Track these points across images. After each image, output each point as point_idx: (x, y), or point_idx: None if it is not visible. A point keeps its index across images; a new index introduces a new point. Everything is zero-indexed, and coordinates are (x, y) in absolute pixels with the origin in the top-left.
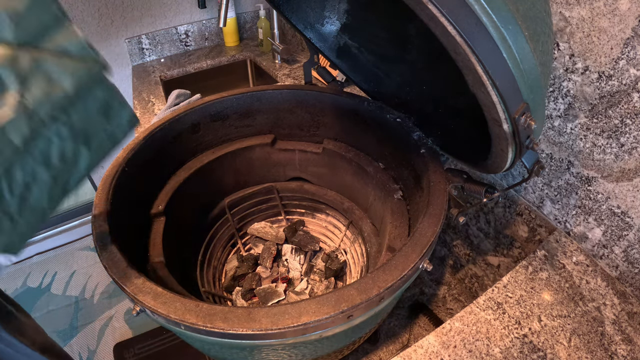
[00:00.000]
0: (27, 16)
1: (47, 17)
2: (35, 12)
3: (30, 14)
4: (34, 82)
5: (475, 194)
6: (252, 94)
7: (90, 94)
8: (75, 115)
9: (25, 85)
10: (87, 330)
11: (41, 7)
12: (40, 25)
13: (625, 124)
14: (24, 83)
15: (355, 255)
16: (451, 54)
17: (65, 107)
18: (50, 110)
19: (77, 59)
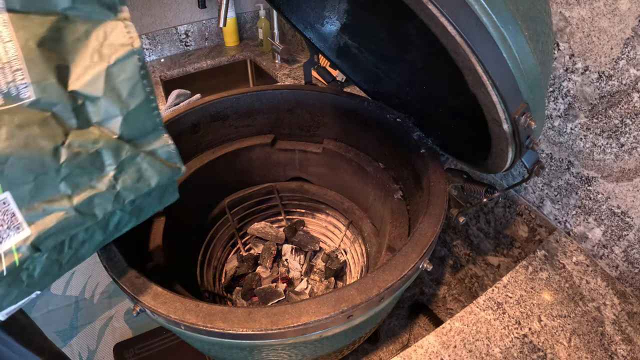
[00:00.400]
0: (135, 117)
1: (149, 123)
2: (142, 116)
3: (137, 115)
4: (127, 172)
5: (475, 194)
6: (252, 94)
7: (163, 190)
8: (148, 202)
9: (120, 171)
10: (87, 330)
11: (146, 113)
12: (143, 128)
13: (625, 124)
14: (120, 169)
15: (355, 255)
16: (451, 54)
17: (144, 198)
18: (133, 198)
19: (164, 162)
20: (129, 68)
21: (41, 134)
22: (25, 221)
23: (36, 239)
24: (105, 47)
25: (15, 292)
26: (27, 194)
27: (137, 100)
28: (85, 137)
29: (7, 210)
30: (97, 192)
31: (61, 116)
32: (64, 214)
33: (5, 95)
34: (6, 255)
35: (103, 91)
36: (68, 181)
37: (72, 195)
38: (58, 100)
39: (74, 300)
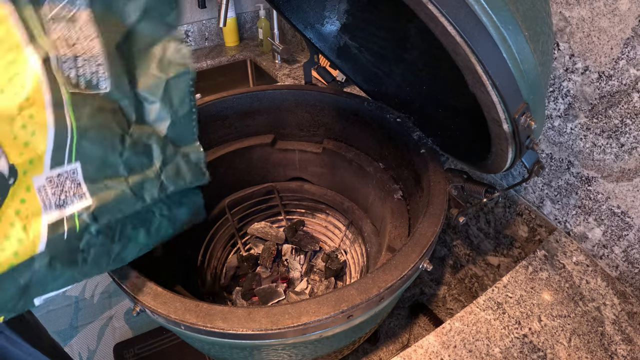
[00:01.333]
0: (180, 123)
1: (188, 130)
2: (184, 123)
3: (181, 122)
4: (169, 166)
5: (475, 194)
6: (252, 94)
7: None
8: (181, 211)
9: (164, 164)
10: (87, 330)
11: (188, 122)
12: (183, 133)
13: (625, 124)
14: (164, 163)
15: (355, 255)
16: (451, 54)
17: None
18: (173, 189)
19: (195, 165)
20: (183, 83)
21: (113, 120)
22: (89, 192)
23: (96, 209)
24: (165, 62)
25: (67, 274)
26: (94, 169)
27: (184, 110)
28: (142, 130)
29: (74, 179)
30: (147, 178)
31: (126, 110)
32: (121, 192)
33: (88, 83)
34: (68, 219)
35: (161, 97)
36: (126, 164)
37: (127, 177)
38: (125, 96)
39: (73, 300)
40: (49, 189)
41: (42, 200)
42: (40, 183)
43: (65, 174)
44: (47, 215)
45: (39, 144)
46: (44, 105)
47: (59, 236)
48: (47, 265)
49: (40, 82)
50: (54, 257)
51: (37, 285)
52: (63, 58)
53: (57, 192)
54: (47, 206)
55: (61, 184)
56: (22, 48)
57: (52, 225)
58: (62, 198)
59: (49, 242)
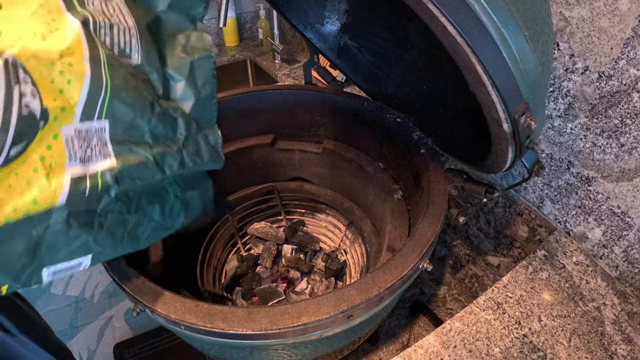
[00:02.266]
0: (202, 104)
1: (209, 112)
2: (206, 105)
3: (204, 103)
4: (191, 143)
5: (475, 194)
6: (252, 94)
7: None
8: (193, 196)
9: (186, 139)
10: (87, 330)
11: (210, 104)
12: (204, 114)
13: (625, 124)
14: (187, 138)
15: (355, 255)
16: (451, 54)
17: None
18: (191, 166)
19: (212, 146)
20: (207, 66)
21: (144, 87)
22: (114, 152)
23: (119, 171)
24: (189, 47)
25: (80, 239)
26: (121, 131)
27: (206, 91)
28: (169, 104)
29: (101, 137)
30: (170, 150)
31: (154, 83)
32: (144, 158)
33: (122, 51)
34: (91, 177)
35: (187, 76)
36: (152, 133)
37: (152, 145)
38: (155, 71)
39: (73, 300)
40: (77, 141)
41: (69, 151)
42: (68, 133)
43: (94, 130)
44: (71, 168)
45: (73, 93)
46: (83, 58)
47: (81, 192)
48: (64, 222)
49: (80, 37)
50: (71, 214)
51: (49, 246)
52: (100, 23)
53: (84, 146)
54: (72, 158)
55: (88, 139)
56: (62, 12)
57: (75, 179)
58: (88, 153)
59: (70, 196)
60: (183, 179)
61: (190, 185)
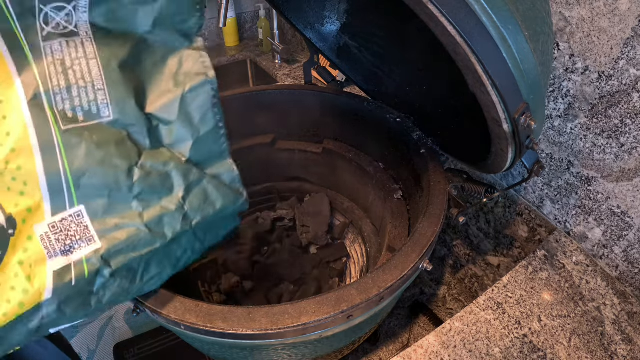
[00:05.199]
0: (204, 142)
1: (216, 148)
2: (210, 141)
3: (206, 141)
4: (194, 193)
5: (475, 194)
6: (252, 94)
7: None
8: (209, 239)
9: (188, 192)
10: (87, 330)
11: (215, 140)
12: (210, 153)
13: (625, 124)
14: (188, 191)
15: (355, 255)
16: (451, 54)
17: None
18: (200, 220)
19: (228, 186)
20: (202, 96)
21: (117, 153)
22: (97, 234)
23: (106, 252)
24: (181, 75)
25: (80, 315)
26: (101, 209)
27: (207, 126)
28: (157, 158)
29: (80, 222)
30: (167, 212)
31: (136, 137)
32: (135, 230)
33: (86, 113)
34: (76, 265)
35: (177, 116)
36: (140, 199)
37: (142, 212)
38: (135, 122)
39: None
40: (52, 235)
41: (46, 248)
42: (42, 230)
43: (70, 218)
44: (52, 263)
45: (33, 192)
46: (32, 153)
47: (67, 283)
48: (57, 311)
49: (27, 128)
50: (62, 303)
51: (48, 326)
52: (56, 90)
53: (62, 238)
54: (51, 253)
55: (66, 229)
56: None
57: (58, 272)
58: (68, 243)
59: (55, 290)
60: (205, 230)
61: (214, 233)
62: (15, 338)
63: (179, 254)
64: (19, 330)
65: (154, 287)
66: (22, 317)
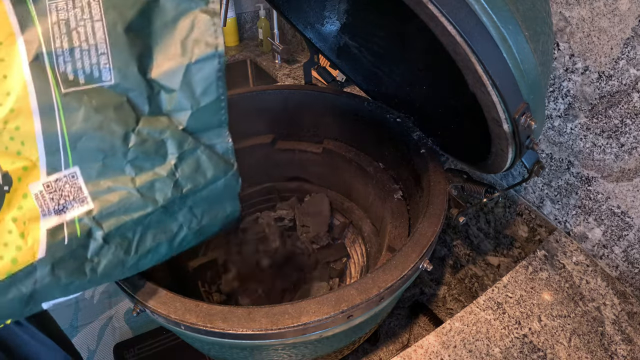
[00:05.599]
0: (203, 113)
1: (215, 120)
2: (209, 113)
3: (205, 112)
4: (187, 162)
5: (475, 194)
6: (252, 94)
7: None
8: (206, 215)
9: (180, 160)
10: (87, 330)
11: (214, 112)
12: (208, 124)
13: (625, 124)
14: (180, 159)
15: (355, 255)
16: (451, 54)
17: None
18: (191, 187)
19: (220, 156)
20: (208, 68)
21: (115, 118)
22: (90, 196)
23: (98, 213)
24: (190, 42)
25: (75, 283)
26: (95, 171)
27: (208, 99)
28: (154, 126)
29: (74, 183)
30: (159, 177)
31: (135, 102)
32: (126, 193)
33: (87, 76)
34: (69, 225)
35: (179, 85)
36: (133, 164)
37: (135, 177)
38: (136, 87)
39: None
40: (47, 194)
41: (40, 206)
42: (37, 189)
43: (64, 179)
44: (45, 221)
45: (31, 152)
46: (31, 114)
47: (59, 242)
48: (50, 274)
49: (27, 88)
50: (56, 265)
51: (42, 294)
52: (58, 51)
53: (56, 197)
54: (45, 212)
55: (60, 189)
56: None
57: (51, 230)
58: (62, 203)
59: (48, 248)
60: (203, 205)
61: (212, 213)
62: (7, 305)
63: (174, 229)
64: (11, 295)
65: (150, 263)
66: (15, 277)
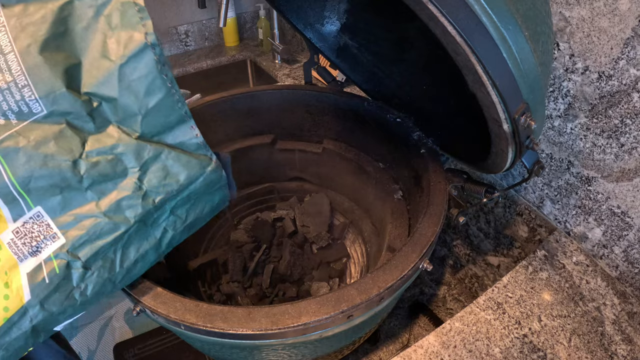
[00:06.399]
0: (156, 113)
1: (173, 116)
2: (163, 111)
3: (158, 112)
4: (152, 171)
5: (475, 194)
6: (252, 94)
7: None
8: (192, 212)
9: (144, 171)
10: (87, 330)
11: (169, 108)
12: (166, 123)
13: (625, 124)
14: (144, 170)
15: (355, 255)
16: (451, 54)
17: (180, 200)
18: (164, 197)
19: (191, 154)
20: (144, 64)
21: (58, 150)
22: (59, 230)
23: (71, 245)
24: (114, 40)
25: (70, 310)
26: (57, 206)
27: (156, 97)
28: (104, 142)
29: (42, 222)
30: (124, 196)
31: (76, 124)
32: (93, 220)
33: (18, 114)
34: (46, 263)
35: (118, 91)
36: (92, 189)
37: (99, 201)
38: (71, 109)
39: None
40: (18, 240)
41: (15, 253)
42: (8, 238)
43: (31, 221)
44: (23, 265)
45: None
46: None
47: (41, 282)
48: (42, 310)
49: None
50: (44, 302)
51: (43, 326)
52: None
53: (27, 241)
54: (21, 257)
55: (29, 232)
56: None
57: (30, 273)
58: (34, 245)
59: (32, 290)
60: (186, 206)
61: (197, 208)
62: (16, 342)
63: (157, 235)
64: (14, 334)
65: (141, 271)
66: (11, 321)
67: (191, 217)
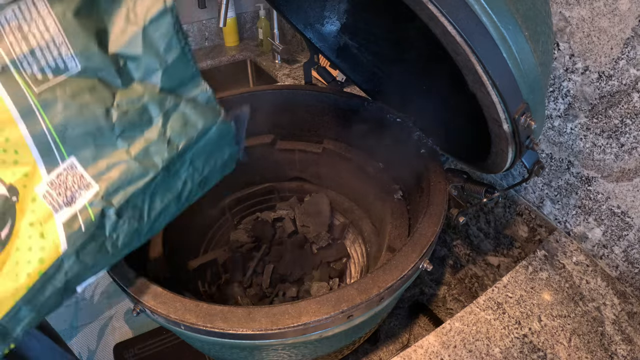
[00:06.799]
0: (173, 69)
1: (187, 72)
2: (179, 67)
3: (175, 67)
4: (174, 119)
5: (475, 194)
6: (252, 94)
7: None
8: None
9: (167, 119)
10: (87, 330)
11: (184, 64)
12: (182, 78)
13: (625, 124)
14: (166, 117)
15: (355, 255)
16: (451, 54)
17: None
18: (185, 142)
19: (205, 106)
20: (164, 25)
21: (92, 100)
22: (93, 179)
23: (105, 192)
24: (139, 6)
25: (101, 263)
26: (90, 155)
27: (174, 53)
28: (131, 95)
29: (75, 172)
30: (151, 141)
31: (107, 79)
32: (125, 166)
33: (55, 70)
34: (81, 212)
35: (142, 49)
36: (123, 137)
37: (129, 148)
38: (102, 66)
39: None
40: (53, 191)
41: (50, 204)
42: (43, 190)
43: (65, 172)
44: (59, 216)
45: (26, 157)
46: (15, 122)
47: (77, 230)
48: (77, 262)
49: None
50: (80, 252)
51: (74, 281)
52: (20, 57)
53: (62, 191)
54: (56, 208)
55: (63, 182)
56: None
57: (66, 223)
58: (69, 194)
59: (68, 239)
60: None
61: (212, 160)
62: (49, 301)
63: (179, 186)
64: (48, 291)
65: (163, 224)
66: (46, 274)
67: (206, 170)
